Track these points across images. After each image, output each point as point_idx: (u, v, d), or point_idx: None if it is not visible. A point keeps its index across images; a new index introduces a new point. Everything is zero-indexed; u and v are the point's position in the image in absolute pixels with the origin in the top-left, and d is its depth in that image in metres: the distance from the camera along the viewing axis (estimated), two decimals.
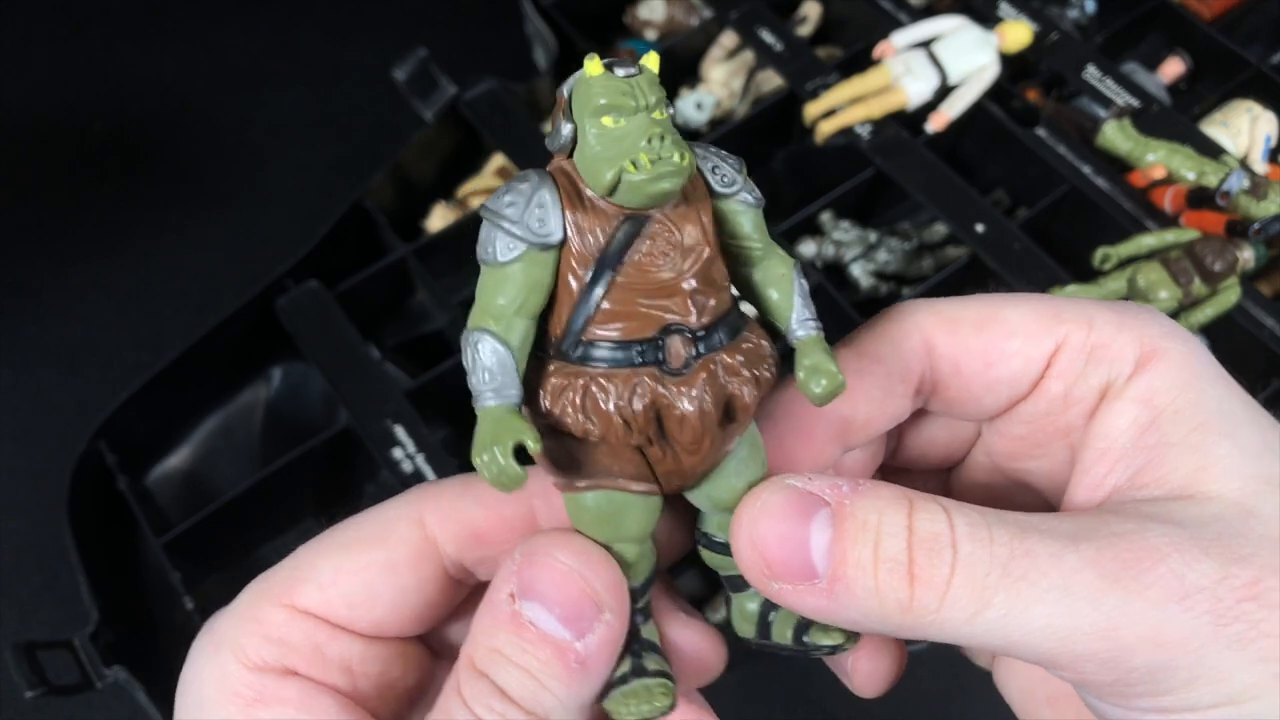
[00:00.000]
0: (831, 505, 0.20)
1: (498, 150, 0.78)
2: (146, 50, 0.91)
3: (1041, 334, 0.23)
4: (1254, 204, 0.68)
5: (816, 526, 0.20)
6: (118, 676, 0.56)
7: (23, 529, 0.68)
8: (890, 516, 0.20)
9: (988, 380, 0.23)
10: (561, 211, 0.20)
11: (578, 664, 0.21)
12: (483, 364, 0.20)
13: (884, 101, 0.74)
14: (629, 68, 0.21)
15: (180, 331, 0.68)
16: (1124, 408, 0.22)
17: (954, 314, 0.24)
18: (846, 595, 0.20)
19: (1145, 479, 0.21)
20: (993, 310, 0.23)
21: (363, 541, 0.24)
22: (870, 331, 0.24)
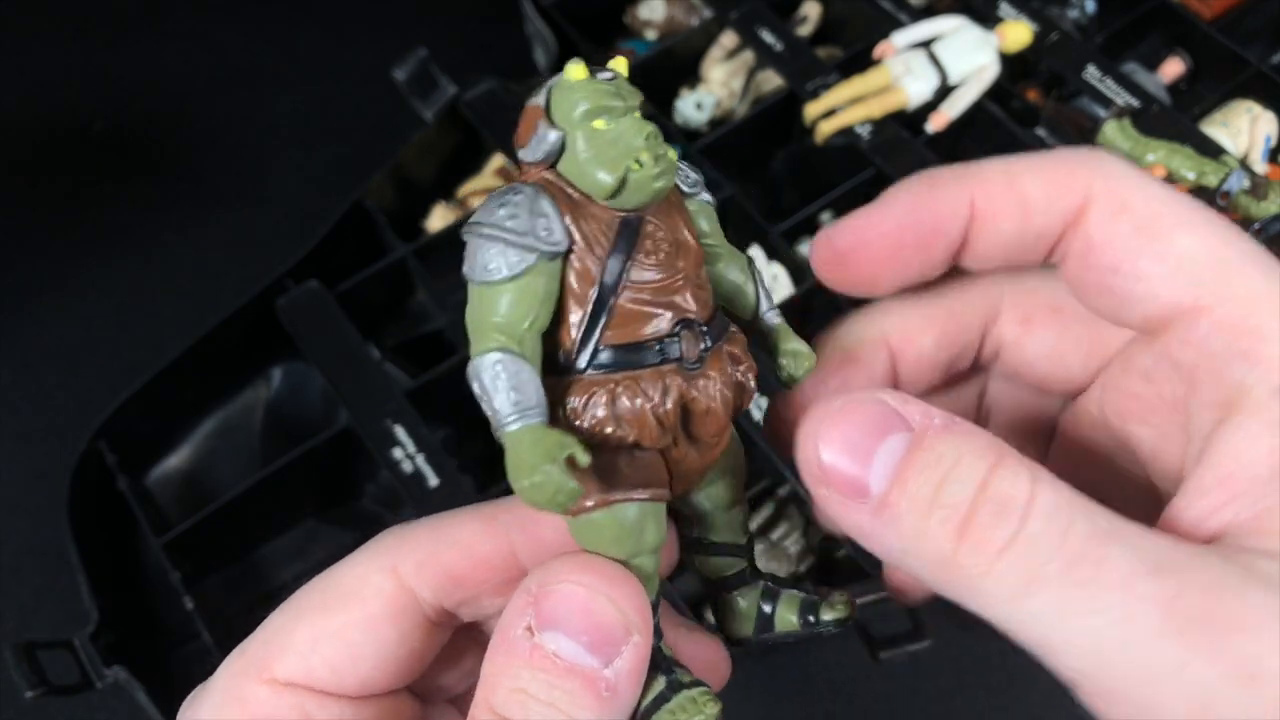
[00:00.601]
0: (915, 431, 0.18)
1: (498, 150, 0.78)
2: (146, 50, 0.91)
3: (1192, 281, 0.19)
4: (1254, 204, 0.68)
5: (888, 446, 0.18)
6: (118, 676, 0.56)
7: (23, 529, 0.68)
8: (968, 463, 0.18)
9: (1106, 283, 0.20)
10: (562, 219, 0.20)
11: (608, 692, 0.19)
12: (505, 385, 0.19)
13: (884, 101, 0.74)
14: (604, 71, 0.21)
15: (180, 331, 0.68)
16: (1262, 431, 0.18)
17: (1127, 195, 0.20)
18: (892, 524, 0.18)
19: (1272, 525, 0.17)
20: (1167, 222, 0.20)
21: (337, 601, 0.22)
22: (1037, 167, 0.22)
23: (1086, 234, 0.21)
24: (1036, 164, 0.22)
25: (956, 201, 0.22)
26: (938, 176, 0.22)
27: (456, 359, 0.67)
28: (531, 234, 0.20)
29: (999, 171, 0.22)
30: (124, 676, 0.56)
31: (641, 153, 0.19)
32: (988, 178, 0.22)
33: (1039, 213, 0.21)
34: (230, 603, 0.66)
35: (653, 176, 0.20)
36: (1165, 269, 0.20)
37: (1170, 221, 0.20)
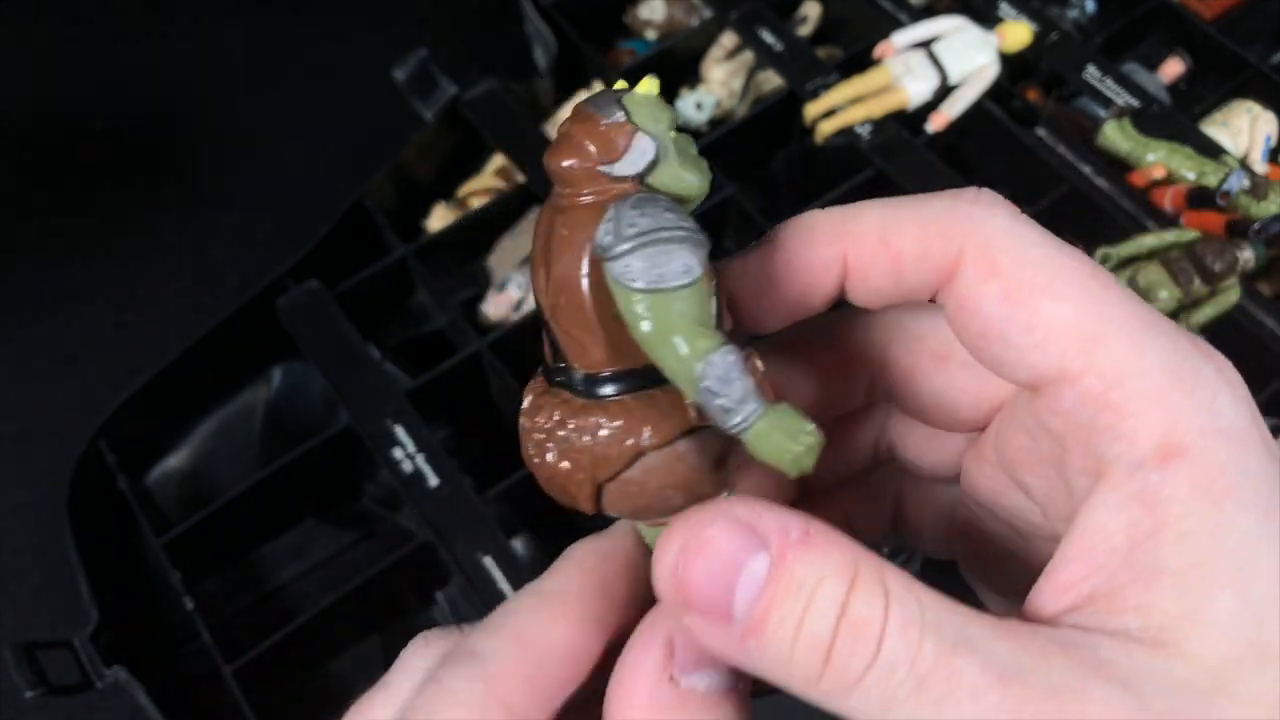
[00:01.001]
0: (772, 555, 0.18)
1: (498, 150, 0.78)
2: (146, 49, 0.91)
3: (1059, 354, 0.19)
4: (1254, 204, 0.68)
5: (748, 573, 0.18)
6: (118, 676, 0.56)
7: (23, 529, 0.68)
8: (829, 587, 0.18)
9: (977, 346, 0.21)
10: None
11: (742, 683, 0.19)
12: (739, 375, 0.18)
13: (884, 101, 0.74)
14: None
15: (180, 331, 0.68)
16: (1124, 504, 0.18)
17: (998, 257, 0.20)
18: (758, 651, 0.18)
19: (1124, 603, 0.18)
20: (1035, 288, 0.19)
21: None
22: (910, 225, 0.21)
23: (958, 295, 0.20)
24: (913, 216, 0.21)
25: (828, 257, 0.22)
26: (814, 228, 0.22)
27: (457, 359, 0.67)
28: (698, 231, 0.19)
29: (873, 226, 0.21)
30: (124, 676, 0.56)
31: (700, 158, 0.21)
32: (861, 233, 0.21)
33: (910, 271, 0.21)
34: (230, 603, 0.66)
35: (711, 178, 0.22)
36: (1031, 339, 0.19)
37: (1038, 288, 0.19)
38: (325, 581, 0.66)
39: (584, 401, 0.20)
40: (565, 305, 0.19)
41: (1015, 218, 0.20)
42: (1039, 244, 0.20)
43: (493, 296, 0.74)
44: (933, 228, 0.21)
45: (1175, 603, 0.17)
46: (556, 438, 0.20)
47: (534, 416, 0.20)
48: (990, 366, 0.21)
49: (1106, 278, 0.20)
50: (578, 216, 0.20)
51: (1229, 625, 0.17)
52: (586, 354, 0.20)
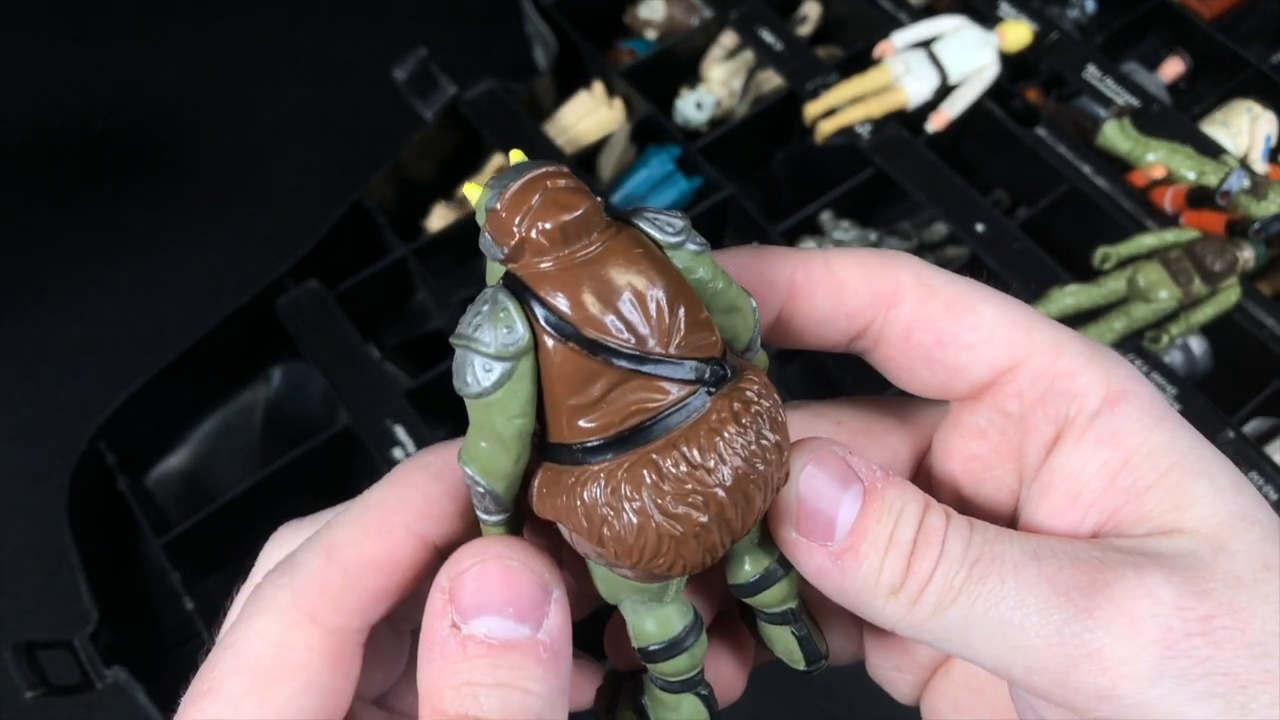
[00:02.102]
0: (865, 484, 0.21)
1: (498, 150, 0.78)
2: (146, 50, 0.91)
3: (1007, 343, 0.23)
4: (1254, 204, 0.68)
5: (849, 497, 0.21)
6: (118, 676, 0.56)
7: (23, 529, 0.68)
8: (911, 507, 0.21)
9: (933, 358, 0.23)
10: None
11: (548, 653, 0.20)
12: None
13: (884, 101, 0.74)
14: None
15: (180, 331, 0.68)
16: (1092, 450, 0.22)
17: (932, 282, 0.23)
18: (852, 566, 0.21)
19: (1122, 522, 0.21)
20: (970, 299, 0.23)
21: (269, 680, 0.20)
22: (852, 258, 0.24)
23: (904, 318, 0.23)
24: (853, 256, 0.24)
25: (778, 274, 0.24)
26: (766, 250, 0.24)
27: None
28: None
29: (820, 256, 0.24)
30: (124, 676, 0.56)
31: None
32: (809, 259, 0.24)
33: (852, 295, 0.24)
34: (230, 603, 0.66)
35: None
36: (981, 335, 0.23)
37: (973, 298, 0.23)
38: None
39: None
40: None
41: (932, 265, 0.24)
42: (955, 277, 0.23)
43: None
44: (872, 262, 0.24)
45: (1164, 502, 0.21)
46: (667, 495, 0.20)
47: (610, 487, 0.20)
48: (941, 383, 0.24)
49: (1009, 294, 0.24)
50: None
51: (1212, 502, 0.20)
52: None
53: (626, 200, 0.75)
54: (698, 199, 0.75)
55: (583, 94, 0.81)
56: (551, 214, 0.19)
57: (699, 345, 0.20)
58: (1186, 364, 0.68)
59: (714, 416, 0.19)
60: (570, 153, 0.76)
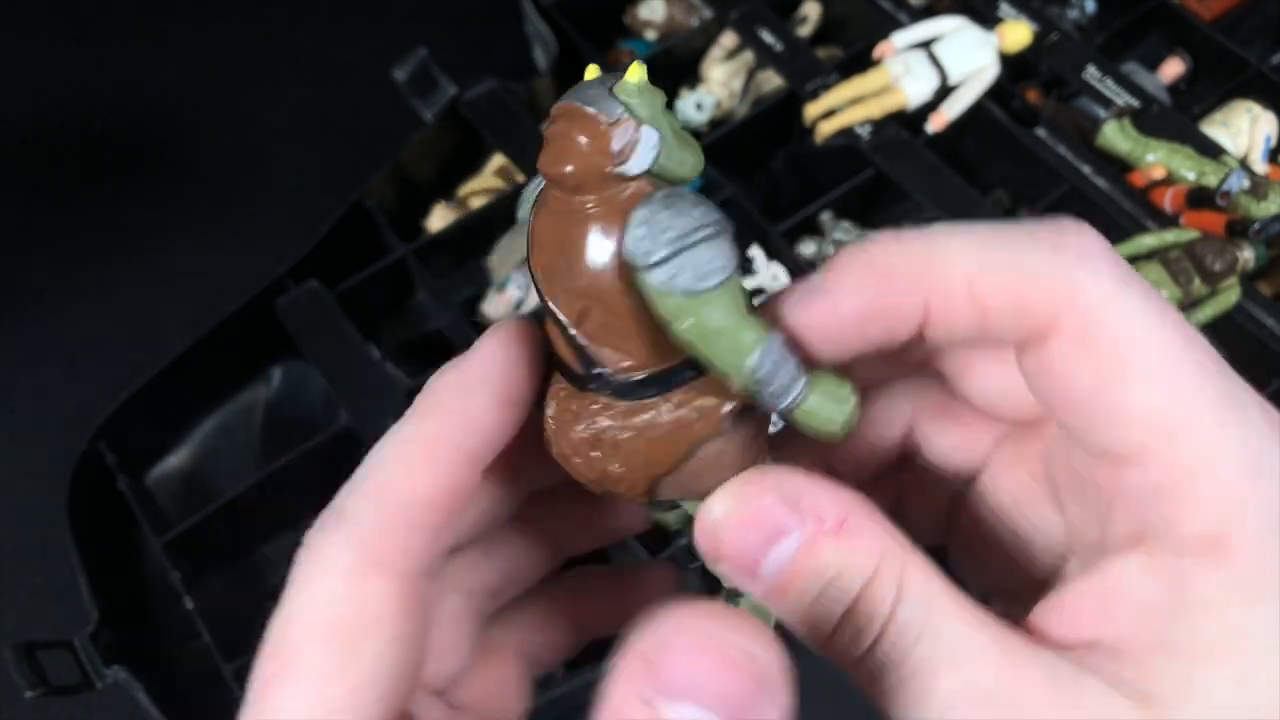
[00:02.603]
0: (803, 538, 0.19)
1: (498, 150, 0.78)
2: (146, 50, 0.91)
3: (1155, 441, 0.18)
4: (1254, 204, 0.68)
5: (778, 551, 0.19)
6: (118, 676, 0.56)
7: (23, 529, 0.68)
8: (845, 580, 0.18)
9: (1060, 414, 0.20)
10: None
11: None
12: (786, 360, 0.19)
13: (884, 102, 0.74)
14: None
15: (180, 331, 0.68)
16: (1154, 577, 0.18)
17: (1100, 314, 0.18)
18: (777, 604, 0.19)
19: (1126, 659, 0.18)
20: (1133, 363, 0.18)
21: (350, 635, 0.19)
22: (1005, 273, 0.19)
23: (1047, 360, 0.19)
24: (1009, 266, 0.19)
25: (909, 305, 0.20)
26: (893, 265, 0.20)
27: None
28: (723, 217, 0.19)
29: (963, 274, 0.19)
30: (124, 676, 0.56)
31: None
32: (948, 280, 0.19)
33: (997, 327, 0.20)
34: (230, 603, 0.66)
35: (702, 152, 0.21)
36: (1115, 420, 0.19)
37: (1133, 367, 0.18)
38: None
39: (628, 404, 0.20)
40: (598, 314, 0.19)
41: (1120, 280, 0.19)
42: (1140, 312, 0.18)
43: (493, 296, 0.74)
44: (1030, 286, 0.19)
45: (1175, 670, 0.18)
46: (604, 442, 0.20)
47: (572, 424, 0.20)
48: (1061, 423, 0.20)
49: (1202, 351, 0.19)
50: (597, 222, 0.19)
51: (1223, 705, 0.17)
52: (624, 359, 0.20)
53: None
54: None
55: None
56: (546, 162, 0.19)
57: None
58: None
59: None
60: None
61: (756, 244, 0.73)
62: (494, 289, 0.75)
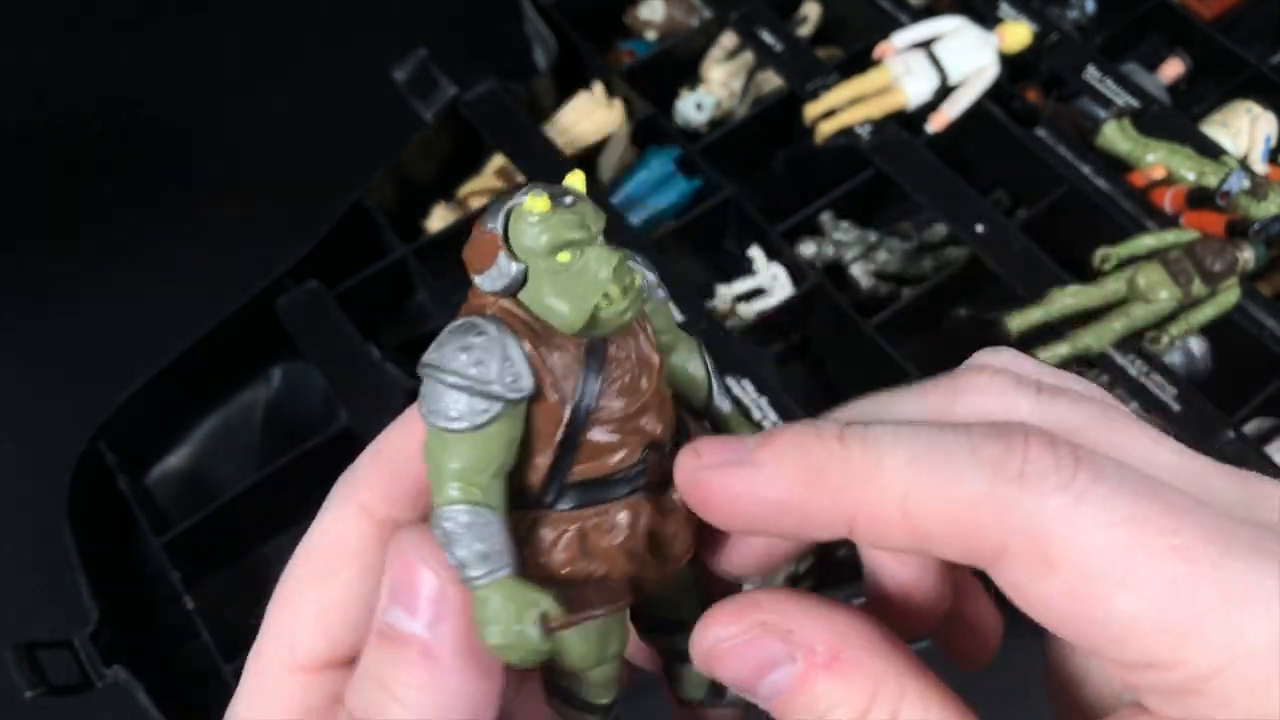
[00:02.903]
0: (798, 671, 0.19)
1: (498, 150, 0.78)
2: (146, 50, 0.91)
3: (1163, 649, 0.16)
4: (1254, 204, 0.68)
5: (771, 680, 0.19)
6: (118, 676, 0.56)
7: (23, 529, 0.68)
8: (840, 714, 0.18)
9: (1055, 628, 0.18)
10: (529, 361, 0.19)
11: (423, 654, 0.19)
12: (469, 537, 0.18)
13: (884, 102, 0.74)
14: (564, 195, 0.19)
15: (180, 331, 0.68)
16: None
17: (1053, 536, 0.17)
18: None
19: None
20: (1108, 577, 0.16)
21: (326, 567, 0.22)
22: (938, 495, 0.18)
23: (1009, 582, 0.18)
24: (943, 490, 0.17)
25: (834, 512, 0.18)
26: (825, 469, 0.18)
27: None
28: (500, 382, 0.19)
29: (894, 496, 0.18)
30: (124, 676, 0.56)
31: (609, 286, 0.18)
32: (880, 499, 0.18)
33: (937, 548, 0.18)
34: (230, 603, 0.66)
35: (621, 311, 0.19)
36: (1108, 634, 0.17)
37: (1110, 582, 0.16)
38: None
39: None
40: None
41: (1074, 494, 0.17)
42: (1106, 524, 0.16)
43: None
44: (968, 514, 0.17)
45: None
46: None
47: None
48: (1055, 633, 0.19)
49: (1199, 538, 0.16)
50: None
51: None
52: None
53: (627, 201, 0.75)
54: (698, 199, 0.75)
55: (583, 95, 0.81)
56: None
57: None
58: (1186, 364, 0.68)
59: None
60: (570, 154, 0.76)
61: (756, 244, 0.73)
62: None
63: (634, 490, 0.20)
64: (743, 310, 0.72)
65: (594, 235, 0.19)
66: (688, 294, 0.68)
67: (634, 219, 0.73)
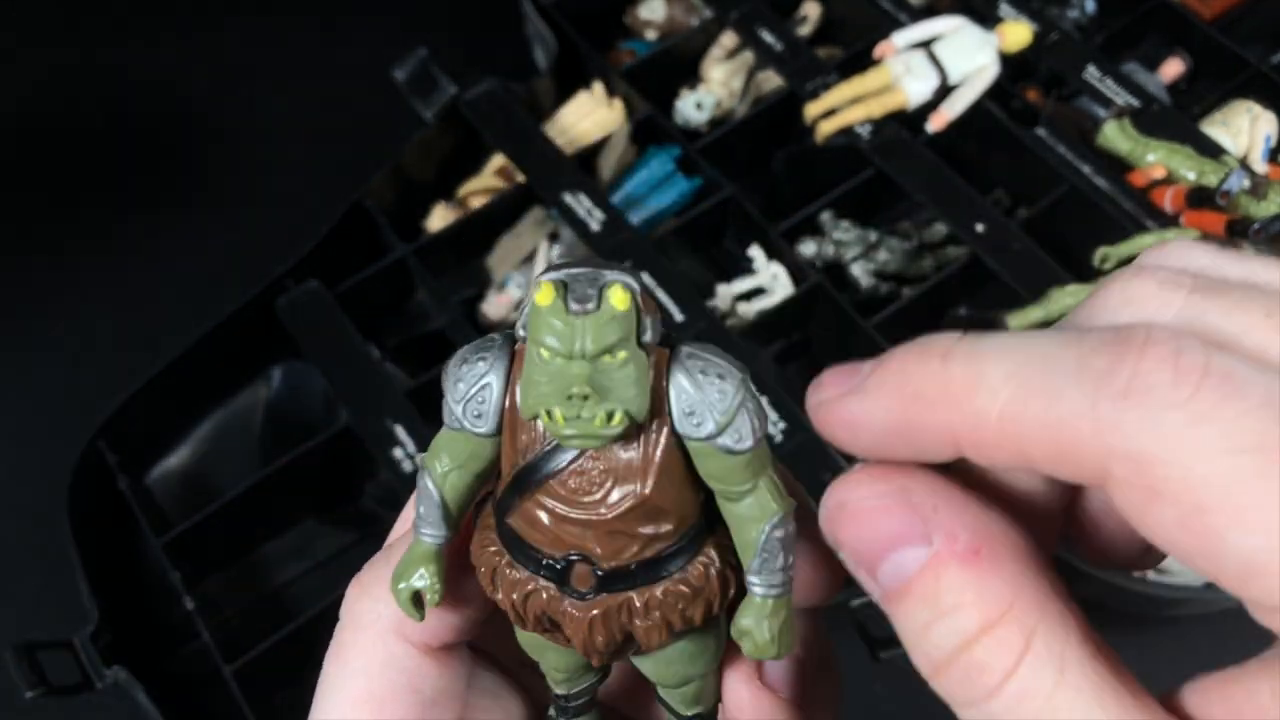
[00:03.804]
0: (931, 554, 0.17)
1: (498, 150, 0.78)
2: (146, 50, 0.91)
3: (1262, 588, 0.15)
4: (1254, 204, 0.68)
5: (897, 559, 0.17)
6: (118, 676, 0.56)
7: (23, 529, 0.68)
8: (962, 618, 0.16)
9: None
10: (502, 406, 0.19)
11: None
12: (421, 497, 0.20)
13: (884, 101, 0.74)
14: (586, 301, 0.18)
15: (180, 331, 0.68)
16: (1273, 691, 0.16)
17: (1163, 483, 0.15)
18: (891, 612, 0.17)
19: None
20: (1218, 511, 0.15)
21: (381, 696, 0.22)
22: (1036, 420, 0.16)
23: (1118, 503, 0.16)
24: (1040, 405, 0.16)
25: (936, 433, 0.17)
26: (924, 389, 0.17)
27: None
28: (463, 406, 0.19)
29: (992, 412, 0.17)
30: (124, 676, 0.56)
31: (553, 406, 0.18)
32: (977, 416, 0.17)
33: (1043, 467, 0.17)
34: (230, 603, 0.66)
35: (563, 435, 0.18)
36: (1228, 574, 0.15)
37: (1220, 516, 0.15)
38: (325, 581, 0.66)
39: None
40: None
41: (1194, 417, 0.15)
42: (1225, 450, 0.15)
43: (493, 296, 0.74)
44: (1066, 432, 0.16)
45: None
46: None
47: None
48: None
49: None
50: None
51: None
52: None
53: (626, 200, 0.75)
54: (698, 199, 0.75)
55: (583, 94, 0.81)
56: None
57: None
58: None
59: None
60: (570, 153, 0.76)
61: (756, 243, 0.73)
62: (494, 289, 0.75)
63: (546, 578, 0.20)
64: (743, 309, 0.72)
65: (578, 354, 0.18)
66: (688, 294, 0.68)
67: (634, 218, 0.73)
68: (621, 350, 0.18)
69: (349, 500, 0.69)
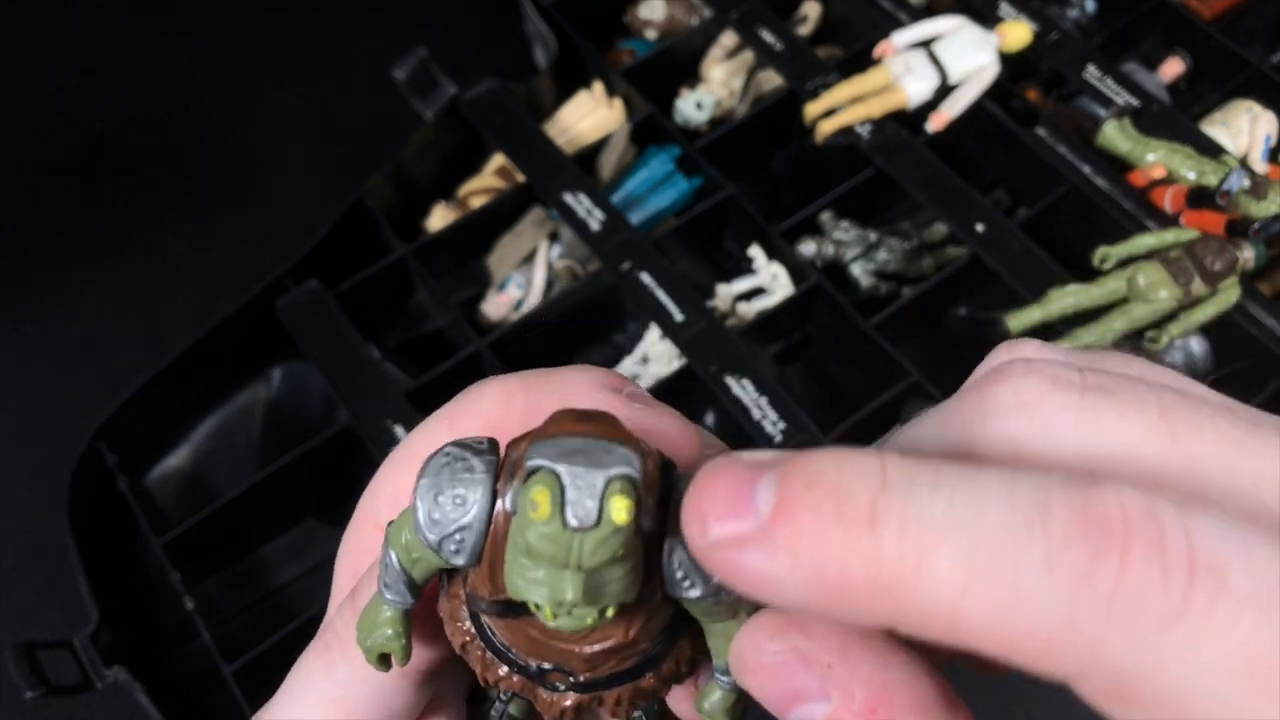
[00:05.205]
0: (829, 711, 0.16)
1: (498, 150, 0.78)
2: (148, 50, 0.91)
3: None
4: (1254, 204, 0.68)
5: (804, 708, 0.16)
6: (118, 676, 0.56)
7: (23, 529, 0.68)
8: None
9: None
10: (482, 546, 0.18)
11: None
12: (385, 566, 0.19)
13: (884, 101, 0.74)
14: (586, 518, 0.16)
15: (180, 331, 0.68)
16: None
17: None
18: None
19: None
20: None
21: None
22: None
23: (1089, 702, 0.15)
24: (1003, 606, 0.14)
25: (869, 620, 0.15)
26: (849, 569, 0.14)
27: (456, 359, 0.67)
28: (439, 540, 0.18)
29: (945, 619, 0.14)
30: (124, 676, 0.56)
31: (545, 604, 0.17)
32: (924, 619, 0.14)
33: (1000, 661, 0.15)
34: (230, 603, 0.66)
35: (547, 622, 0.18)
36: None
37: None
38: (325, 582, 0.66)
39: None
40: None
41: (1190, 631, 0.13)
42: (1224, 669, 0.13)
43: (493, 296, 0.74)
44: (1035, 641, 0.14)
45: None
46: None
47: None
48: None
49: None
50: None
51: None
52: None
53: (626, 200, 0.75)
54: (698, 199, 0.75)
55: (583, 94, 0.81)
56: None
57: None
58: (1186, 364, 0.68)
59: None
60: (570, 153, 0.76)
61: (756, 243, 0.73)
62: (494, 289, 0.75)
63: (519, 670, 0.20)
64: (743, 309, 0.72)
65: (573, 565, 0.17)
66: (687, 294, 0.68)
67: (634, 218, 0.73)
68: (619, 560, 0.17)
69: (349, 500, 0.69)
